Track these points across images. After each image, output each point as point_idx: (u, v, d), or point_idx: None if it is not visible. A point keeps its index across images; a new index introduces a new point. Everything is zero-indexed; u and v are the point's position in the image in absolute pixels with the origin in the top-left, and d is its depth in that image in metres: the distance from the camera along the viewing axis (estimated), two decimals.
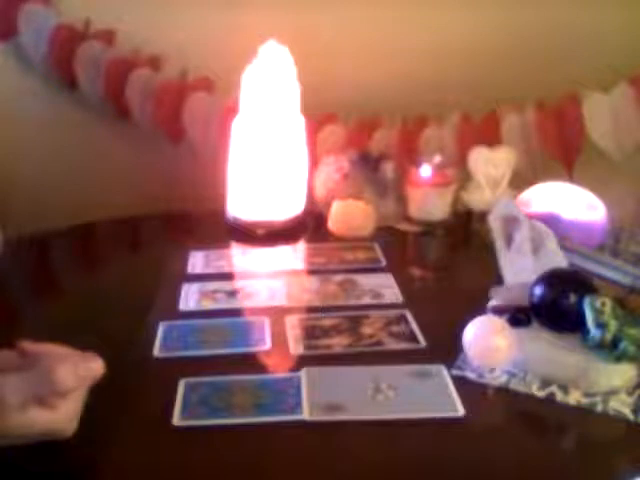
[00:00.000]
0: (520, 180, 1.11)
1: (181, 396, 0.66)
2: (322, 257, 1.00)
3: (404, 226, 1.12)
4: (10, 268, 0.97)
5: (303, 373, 0.70)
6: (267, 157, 1.06)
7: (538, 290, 0.71)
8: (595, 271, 0.84)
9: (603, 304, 0.66)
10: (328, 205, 1.09)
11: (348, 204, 1.08)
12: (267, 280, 0.92)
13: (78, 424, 0.56)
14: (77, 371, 0.54)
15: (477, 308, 0.75)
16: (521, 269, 0.81)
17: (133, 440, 0.61)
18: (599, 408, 0.65)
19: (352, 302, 0.86)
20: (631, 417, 0.64)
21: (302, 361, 0.72)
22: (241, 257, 1.04)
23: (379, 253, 1.01)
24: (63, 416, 0.55)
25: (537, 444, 0.62)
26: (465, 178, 1.14)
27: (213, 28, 1.23)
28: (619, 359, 0.66)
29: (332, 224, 1.08)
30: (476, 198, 1.13)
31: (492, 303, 0.77)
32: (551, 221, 0.91)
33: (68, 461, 0.58)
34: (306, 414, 0.63)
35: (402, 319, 0.81)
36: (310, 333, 0.78)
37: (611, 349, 0.66)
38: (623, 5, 1.23)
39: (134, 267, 1.01)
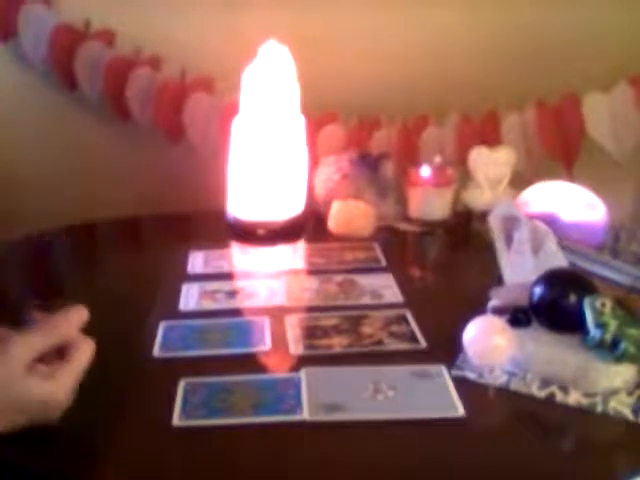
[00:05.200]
0: (520, 180, 1.11)
1: (181, 396, 0.66)
2: (322, 257, 1.00)
3: (404, 226, 1.12)
4: (10, 268, 0.96)
5: (303, 373, 0.69)
6: (267, 157, 1.06)
7: (538, 290, 0.71)
8: (595, 271, 0.84)
9: (603, 304, 0.66)
10: (328, 205, 1.09)
11: (348, 204, 1.08)
12: (267, 280, 0.92)
13: (78, 425, 0.56)
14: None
15: (477, 308, 0.75)
16: (521, 269, 0.81)
17: (133, 440, 0.61)
18: (599, 408, 0.65)
19: (352, 302, 0.86)
20: (631, 417, 0.64)
21: (302, 361, 0.72)
22: (241, 257, 1.04)
23: (379, 253, 1.01)
24: (61, 387, 0.56)
25: (537, 444, 0.62)
26: (465, 178, 1.14)
27: (213, 28, 1.23)
28: (619, 359, 0.66)
29: (332, 224, 1.08)
30: (476, 198, 1.12)
31: (492, 303, 0.77)
32: (551, 221, 0.91)
33: (68, 461, 0.58)
34: (306, 414, 0.63)
35: (402, 319, 0.81)
36: (310, 333, 0.78)
37: (611, 349, 0.65)
38: (623, 5, 1.23)
39: (134, 267, 1.01)
